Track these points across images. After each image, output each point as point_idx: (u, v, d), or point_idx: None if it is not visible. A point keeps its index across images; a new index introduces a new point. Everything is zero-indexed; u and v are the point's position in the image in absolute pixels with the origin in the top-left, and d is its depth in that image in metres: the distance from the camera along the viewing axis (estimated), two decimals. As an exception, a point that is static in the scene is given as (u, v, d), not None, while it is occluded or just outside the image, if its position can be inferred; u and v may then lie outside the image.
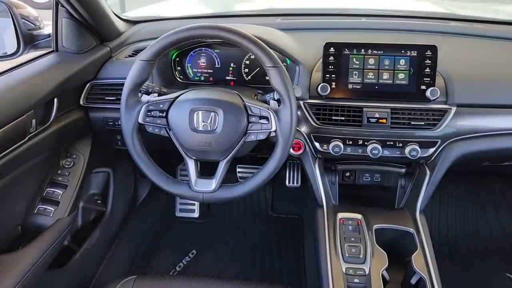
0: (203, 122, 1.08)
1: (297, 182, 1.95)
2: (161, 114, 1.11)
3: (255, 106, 1.09)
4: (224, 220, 2.20)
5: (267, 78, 1.09)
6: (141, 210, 1.94)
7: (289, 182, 2.12)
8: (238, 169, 2.10)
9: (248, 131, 1.10)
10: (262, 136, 1.09)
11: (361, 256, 1.14)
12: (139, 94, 1.17)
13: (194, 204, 2.21)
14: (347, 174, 1.49)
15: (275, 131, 1.08)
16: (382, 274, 1.11)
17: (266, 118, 1.08)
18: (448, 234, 2.09)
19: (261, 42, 1.06)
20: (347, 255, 1.14)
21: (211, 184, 1.11)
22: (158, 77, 1.38)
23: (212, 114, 1.08)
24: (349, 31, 1.57)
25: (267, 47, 1.07)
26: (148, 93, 1.18)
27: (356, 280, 1.09)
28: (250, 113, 1.09)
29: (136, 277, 1.18)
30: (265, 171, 1.11)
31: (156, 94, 1.18)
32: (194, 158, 1.13)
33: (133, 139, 1.12)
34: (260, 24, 1.54)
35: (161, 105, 1.11)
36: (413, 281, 1.12)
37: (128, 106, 1.11)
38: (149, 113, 1.11)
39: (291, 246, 2.00)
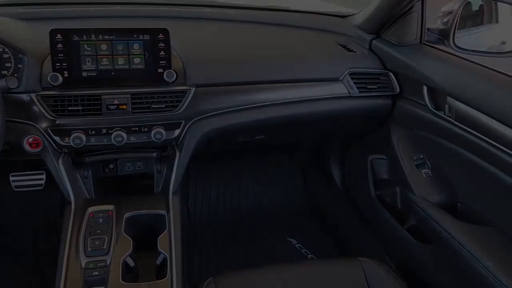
0: None
1: None
2: None
3: None
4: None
5: None
6: None
7: None
8: (11, 178, 1.87)
9: None
10: None
11: (104, 247, 1.10)
12: None
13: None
14: (111, 166, 1.43)
15: None
16: (125, 261, 1.09)
17: None
18: (239, 208, 2.21)
19: None
20: (89, 249, 1.09)
21: None
22: None
23: None
24: (95, 19, 1.52)
25: None
26: None
27: (95, 273, 1.05)
28: None
29: None
30: None
31: None
32: None
33: None
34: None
35: None
36: (158, 261, 1.13)
37: None
38: None
39: None
